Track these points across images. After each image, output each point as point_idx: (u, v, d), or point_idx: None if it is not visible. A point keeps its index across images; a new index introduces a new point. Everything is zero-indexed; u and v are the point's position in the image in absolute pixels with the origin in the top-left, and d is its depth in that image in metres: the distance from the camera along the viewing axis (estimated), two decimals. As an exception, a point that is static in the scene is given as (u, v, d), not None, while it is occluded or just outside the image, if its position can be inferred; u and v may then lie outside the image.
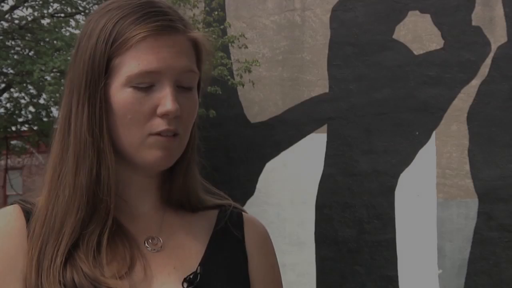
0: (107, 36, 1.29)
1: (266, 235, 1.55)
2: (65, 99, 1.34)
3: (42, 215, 1.29)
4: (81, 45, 1.32)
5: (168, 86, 1.31)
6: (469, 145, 10.26)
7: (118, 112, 1.29)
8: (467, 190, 10.22)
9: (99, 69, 1.29)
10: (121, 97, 1.29)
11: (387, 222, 10.54)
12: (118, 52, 1.29)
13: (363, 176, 10.74)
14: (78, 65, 1.31)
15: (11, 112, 13.16)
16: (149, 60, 1.29)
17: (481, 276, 10.06)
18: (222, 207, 1.51)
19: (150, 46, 1.29)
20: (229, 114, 11.38)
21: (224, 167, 11.38)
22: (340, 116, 10.94)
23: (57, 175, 1.31)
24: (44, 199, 1.31)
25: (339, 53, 11.06)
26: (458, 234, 10.23)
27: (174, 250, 1.38)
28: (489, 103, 10.19)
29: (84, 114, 1.29)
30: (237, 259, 1.45)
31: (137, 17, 1.30)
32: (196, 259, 1.39)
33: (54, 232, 1.27)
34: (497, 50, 10.26)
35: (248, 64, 10.29)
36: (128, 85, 1.29)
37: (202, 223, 1.46)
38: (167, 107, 1.30)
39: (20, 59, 11.71)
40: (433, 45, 10.57)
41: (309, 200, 10.97)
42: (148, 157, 1.32)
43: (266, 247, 1.54)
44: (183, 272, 1.35)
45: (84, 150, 1.29)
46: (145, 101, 1.30)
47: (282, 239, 10.96)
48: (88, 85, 1.29)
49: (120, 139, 1.31)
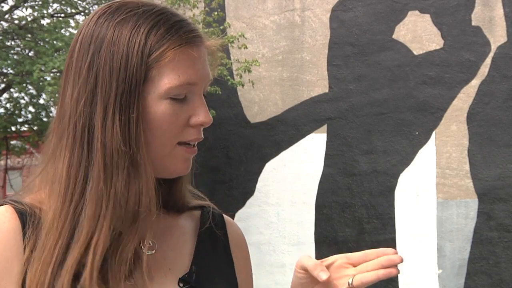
0: (142, 47, 1.28)
1: (244, 236, 1.58)
2: (76, 107, 1.29)
3: (56, 226, 1.26)
4: (102, 52, 1.29)
5: (200, 96, 1.35)
6: (468, 145, 10.26)
7: (154, 123, 1.29)
8: (467, 190, 10.23)
9: (136, 79, 1.27)
10: (159, 109, 1.29)
11: (387, 222, 10.55)
12: (155, 64, 1.29)
13: (362, 176, 10.74)
14: (103, 73, 1.28)
15: (11, 112, 13.18)
16: (188, 73, 1.31)
17: (481, 276, 10.07)
18: (203, 208, 1.52)
19: (186, 58, 1.31)
20: (229, 114, 11.39)
21: (224, 167, 11.38)
22: (340, 116, 10.94)
23: (72, 187, 1.28)
24: (55, 209, 1.28)
25: (338, 53, 11.06)
26: (458, 234, 10.23)
27: (167, 251, 1.40)
28: (489, 103, 10.20)
29: (116, 124, 1.26)
30: (224, 258, 1.48)
31: (167, 28, 1.31)
32: (188, 259, 1.42)
33: (79, 244, 1.24)
34: (496, 50, 10.27)
35: (247, 64, 10.29)
36: (165, 96, 1.30)
37: (188, 224, 1.48)
38: (203, 118, 1.34)
39: (20, 59, 11.71)
40: (433, 45, 10.57)
41: (309, 200, 10.98)
42: (171, 167, 1.34)
43: (246, 248, 1.57)
44: (177, 273, 1.38)
45: (117, 162, 1.26)
46: (180, 112, 1.32)
47: (282, 239, 10.97)
48: (121, 95, 1.27)
49: (149, 150, 1.30)
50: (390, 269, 1.33)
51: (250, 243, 11.14)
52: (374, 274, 1.33)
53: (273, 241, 11.07)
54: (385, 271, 1.33)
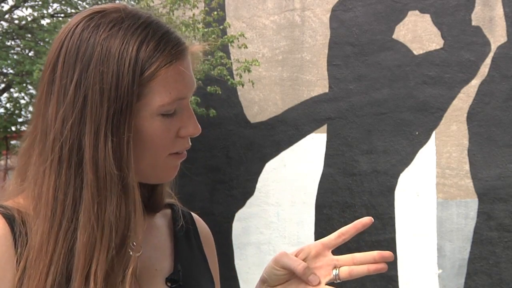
0: (133, 65, 1.26)
1: (210, 231, 1.59)
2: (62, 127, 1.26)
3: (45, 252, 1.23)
4: (90, 71, 1.26)
5: (188, 108, 1.34)
6: (468, 145, 10.26)
7: (146, 140, 1.28)
8: (467, 190, 10.23)
9: (128, 99, 1.25)
10: (152, 126, 1.28)
11: (386, 222, 10.55)
12: (147, 83, 1.27)
13: (362, 176, 10.75)
14: (93, 93, 1.25)
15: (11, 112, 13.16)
16: (179, 89, 1.30)
17: (481, 276, 10.07)
18: (172, 205, 1.53)
19: (177, 74, 1.30)
20: (228, 114, 11.39)
21: (224, 167, 11.38)
22: (340, 116, 10.95)
23: (60, 211, 1.25)
24: (42, 233, 1.25)
25: (338, 53, 11.06)
26: (458, 234, 10.23)
27: (151, 251, 1.41)
28: (489, 103, 10.20)
29: (108, 146, 1.24)
30: (200, 255, 1.50)
31: (156, 43, 1.29)
32: (170, 258, 1.43)
33: (79, 273, 1.22)
34: (496, 50, 10.27)
35: (247, 64, 10.28)
36: (157, 113, 1.29)
37: (163, 223, 1.49)
38: (192, 130, 1.34)
39: (19, 59, 11.70)
40: (432, 45, 10.57)
41: (309, 200, 10.98)
42: (161, 175, 1.34)
43: (213, 243, 1.58)
44: (164, 272, 1.40)
45: (110, 185, 1.24)
46: (171, 126, 1.31)
47: (282, 239, 10.97)
48: (112, 115, 1.25)
49: (139, 165, 1.29)
50: (381, 265, 1.33)
51: (250, 243, 11.17)
52: (364, 268, 1.34)
53: (273, 241, 11.07)
54: (376, 266, 1.33)
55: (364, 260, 1.34)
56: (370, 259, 1.34)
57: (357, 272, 1.34)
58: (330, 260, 1.36)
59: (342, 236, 1.38)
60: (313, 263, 1.36)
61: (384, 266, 1.33)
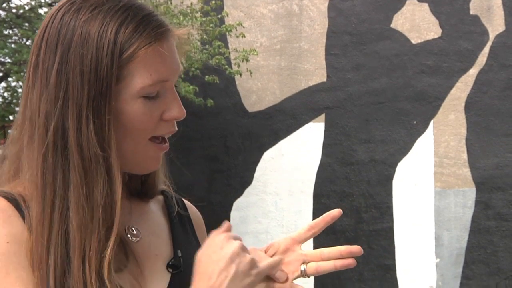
0: (112, 47, 1.26)
1: (201, 218, 1.60)
2: (46, 111, 1.27)
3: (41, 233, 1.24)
4: (70, 54, 1.26)
5: (172, 90, 1.34)
6: (466, 134, 10.27)
7: (127, 123, 1.28)
8: (465, 179, 10.24)
9: (107, 81, 1.26)
10: (132, 109, 1.28)
11: (384, 211, 10.56)
12: (126, 64, 1.27)
13: (360, 165, 10.75)
14: (74, 76, 1.26)
15: (8, 101, 13.15)
16: (160, 71, 1.30)
17: (479, 265, 10.08)
18: (164, 192, 1.54)
19: (157, 56, 1.30)
20: (226, 103, 11.38)
21: (221, 156, 11.38)
22: (338, 105, 10.94)
23: (51, 193, 1.26)
24: (37, 215, 1.26)
25: (336, 42, 11.05)
26: (456, 223, 10.24)
27: (149, 237, 1.41)
28: (487, 92, 10.20)
29: (90, 128, 1.25)
30: (194, 240, 1.50)
31: (135, 25, 1.29)
32: (168, 244, 1.44)
33: (76, 254, 1.23)
34: (495, 39, 10.26)
35: (245, 53, 10.27)
36: (138, 96, 1.28)
37: (157, 209, 1.50)
38: (176, 113, 1.33)
39: (17, 48, 11.68)
40: (431, 34, 10.56)
41: (306, 189, 10.98)
42: (142, 165, 1.34)
43: (204, 229, 1.58)
44: (164, 258, 1.40)
45: (96, 167, 1.25)
46: (154, 109, 1.30)
47: (280, 228, 10.98)
48: (93, 98, 1.25)
49: (121, 148, 1.30)
50: (348, 261, 1.33)
51: (248, 232, 11.17)
52: (331, 264, 1.33)
53: (271, 230, 11.08)
54: (343, 262, 1.32)
55: (332, 255, 1.34)
56: (337, 254, 1.33)
57: (323, 268, 1.33)
58: (299, 255, 1.35)
59: (312, 229, 1.38)
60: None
61: (351, 261, 1.32)
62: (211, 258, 1.23)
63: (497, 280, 9.96)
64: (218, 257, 1.23)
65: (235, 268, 1.22)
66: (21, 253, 1.24)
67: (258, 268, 1.25)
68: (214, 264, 1.22)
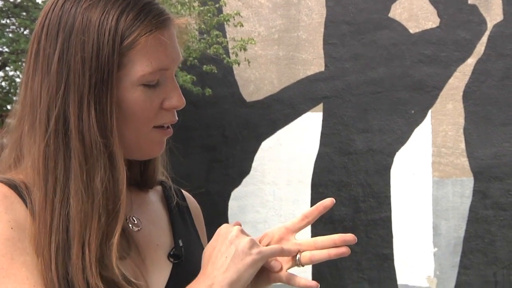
0: (113, 35, 1.27)
1: (200, 209, 1.61)
2: (48, 98, 1.27)
3: (43, 221, 1.25)
4: (71, 41, 1.27)
5: (172, 79, 1.34)
6: (464, 124, 10.27)
7: (128, 110, 1.28)
8: (463, 168, 10.25)
9: (109, 68, 1.26)
10: (133, 96, 1.28)
11: (382, 200, 10.57)
12: (127, 52, 1.28)
13: (358, 155, 10.76)
14: (75, 63, 1.26)
15: (6, 91, 13.14)
16: (160, 59, 1.30)
17: (476, 254, 10.10)
18: (163, 182, 1.54)
19: (157, 43, 1.30)
20: (224, 93, 11.37)
21: (220, 146, 11.39)
22: (336, 95, 10.94)
23: (53, 180, 1.26)
24: (39, 202, 1.26)
25: (335, 31, 11.04)
26: (453, 212, 10.26)
27: (150, 227, 1.41)
28: (485, 82, 10.20)
29: (92, 115, 1.25)
30: (193, 230, 1.51)
31: (136, 13, 1.29)
32: (169, 234, 1.44)
33: (76, 240, 1.24)
34: (493, 29, 10.25)
35: (243, 42, 10.26)
36: (138, 83, 1.28)
37: (156, 199, 1.50)
38: (176, 102, 1.33)
39: (15, 37, 11.66)
40: (429, 23, 10.56)
41: (304, 179, 10.99)
42: (146, 150, 1.34)
43: (202, 220, 1.59)
44: (164, 248, 1.40)
45: (97, 154, 1.26)
46: (154, 97, 1.30)
47: (278, 217, 10.99)
48: (94, 85, 1.26)
49: (124, 136, 1.30)
50: (342, 249, 1.33)
51: (246, 222, 11.17)
52: (325, 253, 1.33)
53: (269, 220, 11.10)
54: (337, 250, 1.32)
55: (325, 244, 1.33)
56: (331, 243, 1.33)
57: (318, 257, 1.33)
58: (293, 244, 1.35)
59: (306, 219, 1.38)
60: None
61: (346, 250, 1.32)
62: (213, 246, 1.27)
63: (494, 270, 9.98)
64: (220, 242, 1.26)
65: (234, 248, 1.25)
66: (25, 239, 1.24)
67: (259, 248, 1.26)
68: (216, 250, 1.26)
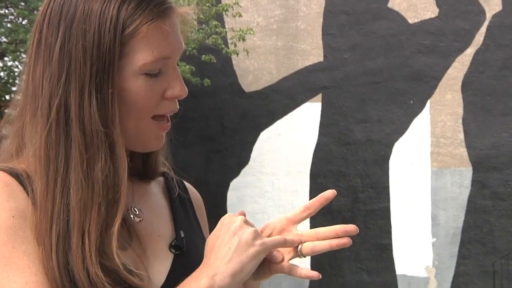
0: (114, 23, 1.27)
1: (202, 200, 1.61)
2: (49, 87, 1.27)
3: (45, 209, 1.25)
4: (73, 30, 1.27)
5: (174, 68, 1.33)
6: (463, 114, 10.27)
7: (129, 99, 1.28)
8: (461, 158, 10.25)
9: (110, 57, 1.26)
10: (134, 85, 1.28)
11: (381, 191, 10.58)
12: (128, 40, 1.27)
13: (357, 145, 10.76)
14: (76, 52, 1.26)
15: (4, 81, 13.12)
16: (162, 47, 1.29)
17: (475, 244, 10.12)
18: (165, 173, 1.54)
19: (159, 32, 1.29)
20: (223, 83, 11.37)
21: (218, 136, 11.39)
22: (335, 85, 10.94)
23: (54, 169, 1.27)
24: (41, 190, 1.26)
25: (333, 22, 11.02)
26: (452, 202, 10.27)
27: (151, 217, 1.41)
28: (484, 72, 10.19)
29: (93, 104, 1.25)
30: (195, 221, 1.51)
31: (138, 1, 1.28)
32: (170, 224, 1.44)
33: (76, 230, 1.24)
34: (492, 19, 10.24)
35: (242, 32, 10.24)
36: (140, 72, 1.28)
37: (158, 190, 1.50)
38: (178, 91, 1.32)
39: (13, 27, 11.64)
40: (428, 13, 10.54)
41: (303, 169, 11.00)
42: (144, 142, 1.34)
43: (204, 212, 1.59)
44: (166, 239, 1.40)
45: (97, 143, 1.26)
46: (155, 87, 1.30)
47: (277, 208, 11.00)
48: (96, 74, 1.26)
49: (124, 126, 1.30)
50: (344, 240, 1.33)
51: (245, 212, 11.14)
52: (326, 243, 1.33)
53: (267, 210, 11.10)
54: (339, 241, 1.32)
55: (327, 235, 1.33)
56: (332, 233, 1.33)
57: (319, 248, 1.33)
58: (294, 235, 1.35)
59: (308, 210, 1.38)
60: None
61: (347, 240, 1.32)
62: (216, 236, 1.27)
63: (493, 260, 9.99)
64: (223, 232, 1.26)
65: (238, 239, 1.25)
66: (26, 228, 1.24)
67: (263, 239, 1.26)
68: (219, 240, 1.26)
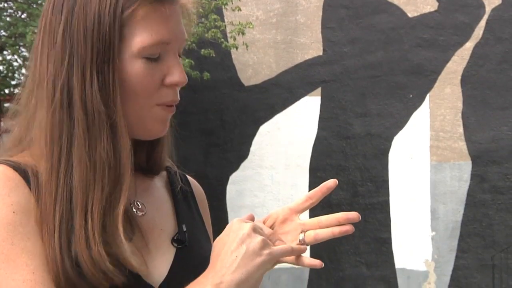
0: (114, 5, 1.28)
1: (204, 194, 1.61)
2: (53, 69, 1.29)
3: (49, 191, 1.26)
4: (75, 13, 1.29)
5: (175, 55, 1.34)
6: (462, 108, 10.27)
7: (129, 83, 1.29)
8: (461, 152, 10.25)
9: (110, 39, 1.27)
10: (133, 68, 1.29)
11: (380, 184, 10.58)
12: (128, 22, 1.28)
13: (356, 139, 10.76)
14: (78, 34, 1.28)
15: (4, 75, 13.11)
16: (161, 31, 1.30)
17: (474, 238, 10.13)
18: (168, 168, 1.54)
19: (159, 16, 1.30)
20: (223, 77, 11.36)
21: (218, 130, 11.38)
22: (334, 79, 10.93)
23: (58, 149, 1.28)
24: (46, 172, 1.28)
25: (333, 15, 11.02)
26: (451, 196, 10.27)
27: (154, 212, 1.42)
28: (483, 66, 10.19)
29: (94, 85, 1.26)
30: (197, 216, 1.52)
31: None
32: (172, 218, 1.44)
33: (78, 210, 1.24)
34: (491, 12, 10.24)
35: (241, 26, 10.23)
36: (139, 56, 1.29)
37: (161, 184, 1.51)
38: (177, 78, 1.32)
39: (12, 21, 11.63)
40: (427, 7, 10.54)
41: (303, 163, 11.00)
42: (149, 128, 1.34)
43: (207, 205, 1.60)
44: (168, 233, 1.41)
45: (99, 123, 1.27)
46: (154, 72, 1.31)
47: (276, 202, 11.00)
48: (96, 55, 1.27)
49: (127, 112, 1.30)
50: (346, 227, 1.33)
51: (244, 206, 11.20)
52: (329, 231, 1.34)
53: (267, 204, 11.11)
54: (341, 228, 1.33)
55: (330, 223, 1.34)
56: (335, 221, 1.34)
57: (322, 236, 1.34)
58: (297, 224, 1.36)
59: (310, 200, 1.39)
60: (281, 228, 1.37)
61: (349, 228, 1.33)
62: (224, 241, 1.26)
63: (492, 253, 10.00)
64: (230, 239, 1.25)
65: (245, 248, 1.24)
66: (27, 223, 1.24)
67: (271, 249, 1.26)
68: (226, 246, 1.25)
